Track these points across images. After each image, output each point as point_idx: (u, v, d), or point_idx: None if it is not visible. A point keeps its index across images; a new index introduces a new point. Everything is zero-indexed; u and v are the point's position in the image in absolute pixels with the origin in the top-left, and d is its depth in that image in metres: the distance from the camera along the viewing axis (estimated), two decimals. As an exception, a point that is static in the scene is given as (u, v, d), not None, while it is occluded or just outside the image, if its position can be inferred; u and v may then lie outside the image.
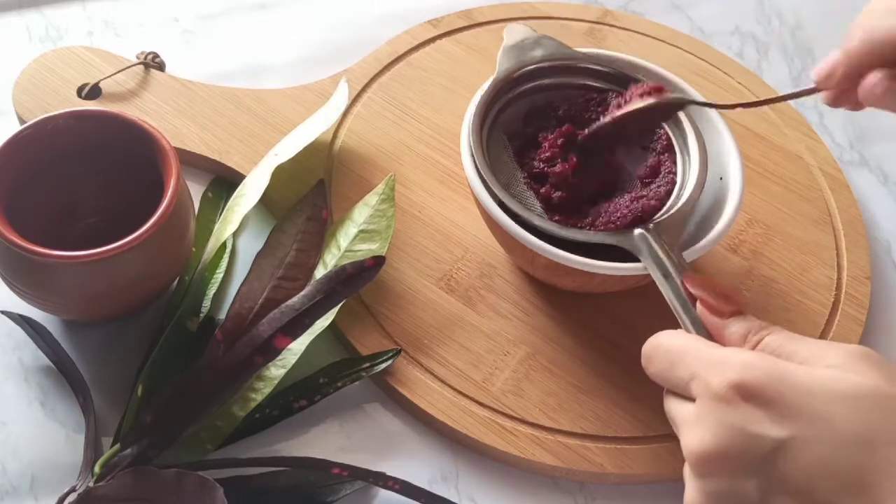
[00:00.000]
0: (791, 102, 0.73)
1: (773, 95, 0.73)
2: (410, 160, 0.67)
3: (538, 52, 0.61)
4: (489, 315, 0.61)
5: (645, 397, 0.58)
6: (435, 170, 0.67)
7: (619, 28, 0.76)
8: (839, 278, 0.64)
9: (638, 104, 0.58)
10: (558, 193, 0.58)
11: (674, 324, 0.50)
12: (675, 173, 0.58)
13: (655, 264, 0.52)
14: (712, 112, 0.60)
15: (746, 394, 0.40)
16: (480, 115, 0.58)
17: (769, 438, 0.39)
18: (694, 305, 0.48)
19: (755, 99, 0.72)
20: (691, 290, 0.48)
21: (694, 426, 0.41)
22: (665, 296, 0.50)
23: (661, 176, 0.59)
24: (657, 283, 0.51)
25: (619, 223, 0.56)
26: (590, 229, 0.57)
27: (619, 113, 0.59)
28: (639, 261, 0.53)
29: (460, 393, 0.58)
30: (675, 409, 0.44)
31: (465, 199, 0.65)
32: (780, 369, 0.41)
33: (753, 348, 0.44)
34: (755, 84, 0.74)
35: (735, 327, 0.46)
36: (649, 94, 0.58)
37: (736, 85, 0.73)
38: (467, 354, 0.59)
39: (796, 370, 0.41)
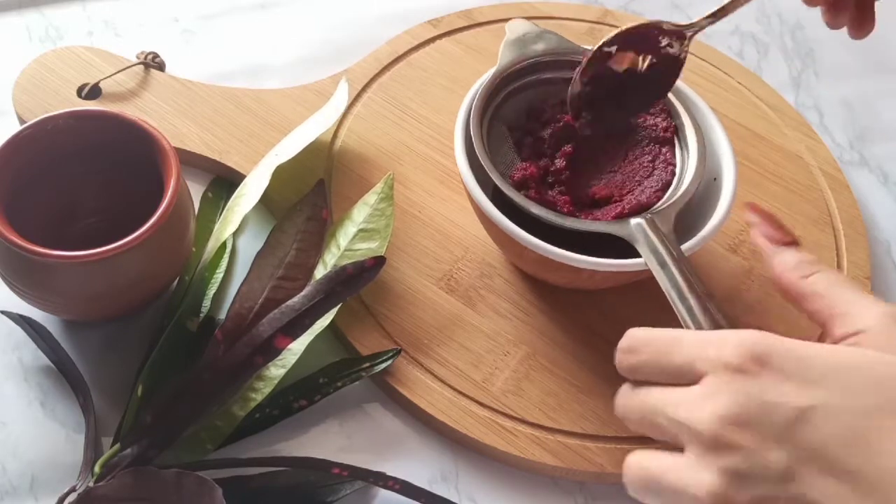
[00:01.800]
0: (791, 102, 0.74)
1: (768, 87, 0.73)
2: (410, 160, 0.67)
3: (540, 46, 0.62)
4: (489, 315, 0.61)
5: (645, 397, 0.58)
6: (435, 170, 0.67)
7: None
8: (839, 278, 0.64)
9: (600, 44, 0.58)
10: (557, 191, 0.59)
11: (674, 322, 0.50)
12: (674, 165, 0.59)
13: (652, 253, 0.52)
14: (704, 107, 0.61)
15: (762, 362, 0.39)
16: (481, 106, 0.58)
17: (790, 406, 0.38)
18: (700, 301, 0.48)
19: (755, 98, 0.73)
20: (751, 215, 0.48)
21: (704, 402, 0.40)
22: (661, 285, 0.51)
23: (659, 168, 0.59)
24: (654, 272, 0.51)
25: (617, 213, 0.56)
26: (588, 218, 0.57)
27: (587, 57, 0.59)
28: (629, 257, 0.53)
29: (460, 393, 0.58)
30: (666, 396, 0.42)
31: (465, 199, 0.65)
32: (796, 345, 0.40)
33: (805, 277, 0.44)
34: (755, 84, 0.74)
35: (787, 256, 0.46)
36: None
37: (736, 85, 0.73)
38: (467, 354, 0.59)
39: (811, 347, 0.40)
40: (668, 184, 0.58)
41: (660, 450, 0.42)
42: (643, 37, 0.58)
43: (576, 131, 0.61)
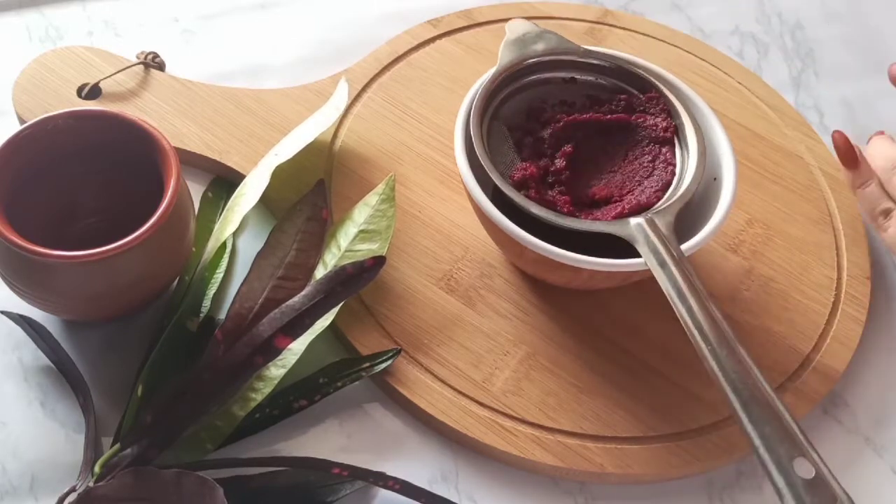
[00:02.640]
0: (791, 102, 0.74)
1: (768, 87, 0.73)
2: (410, 160, 0.67)
3: (540, 47, 0.62)
4: (489, 315, 0.61)
5: (645, 397, 0.58)
6: (435, 170, 0.67)
7: (619, 28, 0.76)
8: (839, 278, 0.64)
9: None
10: (557, 191, 0.59)
11: (674, 322, 0.50)
12: (674, 165, 0.59)
13: (652, 253, 0.52)
14: (704, 107, 0.61)
15: None
16: (481, 106, 0.59)
17: None
18: None
19: (755, 98, 0.73)
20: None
21: None
22: (661, 285, 0.51)
23: (659, 168, 0.59)
24: (654, 272, 0.51)
25: (617, 213, 0.56)
26: (588, 218, 0.57)
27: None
28: (628, 257, 0.53)
29: (460, 393, 0.58)
30: None
31: (465, 199, 0.65)
32: None
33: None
34: (755, 84, 0.74)
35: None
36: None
37: (736, 85, 0.73)
38: (467, 354, 0.59)
39: None
40: (668, 184, 0.58)
41: None
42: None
43: (576, 131, 0.61)
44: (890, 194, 0.61)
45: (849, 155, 0.62)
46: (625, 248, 0.54)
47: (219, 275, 0.61)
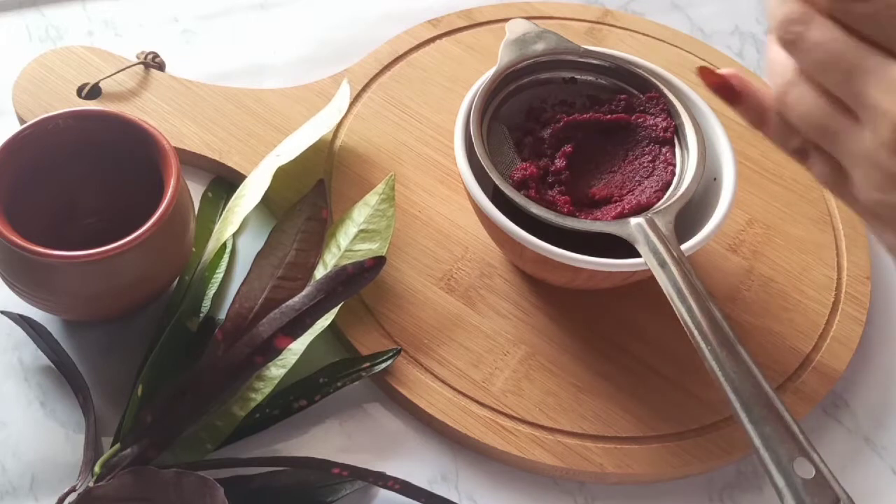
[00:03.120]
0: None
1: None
2: (411, 160, 0.67)
3: (540, 46, 0.62)
4: (489, 315, 0.61)
5: (645, 397, 0.58)
6: (435, 170, 0.67)
7: (619, 28, 0.76)
8: (839, 278, 0.64)
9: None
10: (557, 191, 0.59)
11: (674, 322, 0.50)
12: (674, 165, 0.59)
13: (652, 253, 0.52)
14: (704, 107, 0.61)
15: None
16: (481, 106, 0.59)
17: None
18: None
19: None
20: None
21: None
22: (661, 285, 0.51)
23: (659, 168, 0.59)
24: (654, 272, 0.51)
25: (617, 213, 0.56)
26: (588, 218, 0.57)
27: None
28: (628, 257, 0.53)
29: (460, 393, 0.58)
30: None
31: (465, 199, 0.65)
32: None
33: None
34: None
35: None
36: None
37: (736, 85, 0.73)
38: (467, 354, 0.59)
39: None
40: (668, 184, 0.58)
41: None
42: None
43: (576, 131, 0.61)
44: (793, 123, 0.42)
45: (723, 87, 0.45)
46: (625, 248, 0.54)
47: (219, 275, 0.61)
